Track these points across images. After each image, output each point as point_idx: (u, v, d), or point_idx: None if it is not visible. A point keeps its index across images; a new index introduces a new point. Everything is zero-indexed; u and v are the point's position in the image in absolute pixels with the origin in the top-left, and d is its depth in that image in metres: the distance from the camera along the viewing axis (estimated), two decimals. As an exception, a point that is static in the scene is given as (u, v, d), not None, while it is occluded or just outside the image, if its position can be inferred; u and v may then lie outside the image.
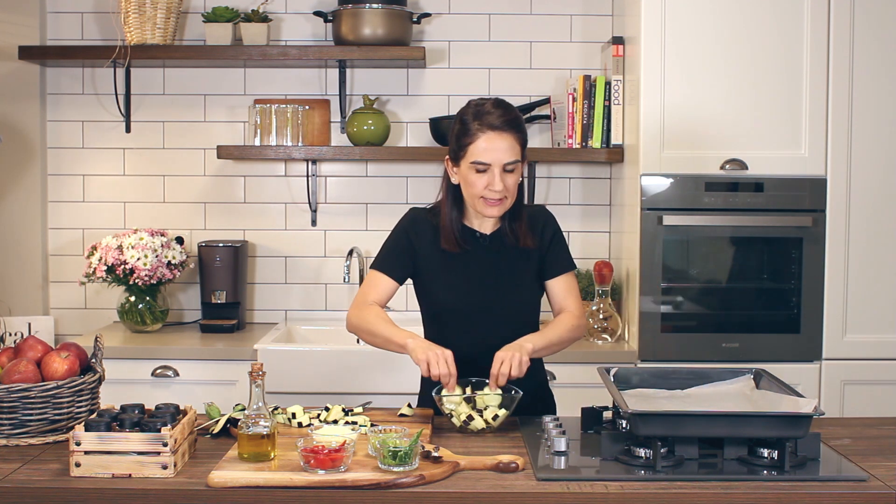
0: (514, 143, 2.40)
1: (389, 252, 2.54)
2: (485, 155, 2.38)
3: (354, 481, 1.89)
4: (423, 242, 2.51)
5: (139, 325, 3.64)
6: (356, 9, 3.61)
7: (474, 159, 2.39)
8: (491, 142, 2.38)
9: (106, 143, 3.88)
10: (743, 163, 3.33)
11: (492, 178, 2.38)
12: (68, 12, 3.84)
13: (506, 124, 2.39)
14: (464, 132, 2.42)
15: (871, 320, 3.38)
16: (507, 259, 2.51)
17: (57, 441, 2.16)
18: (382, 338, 2.42)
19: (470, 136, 2.40)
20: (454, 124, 2.47)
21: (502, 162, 2.38)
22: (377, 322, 2.44)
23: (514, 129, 2.40)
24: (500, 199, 2.41)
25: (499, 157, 2.38)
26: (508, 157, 2.38)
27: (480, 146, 2.38)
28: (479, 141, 2.38)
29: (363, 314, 2.47)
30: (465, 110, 2.45)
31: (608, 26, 3.83)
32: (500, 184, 2.38)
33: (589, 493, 1.89)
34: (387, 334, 2.41)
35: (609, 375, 2.32)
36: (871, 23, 3.32)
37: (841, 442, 2.22)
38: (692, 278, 3.40)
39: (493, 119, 2.39)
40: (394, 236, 2.55)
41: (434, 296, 2.53)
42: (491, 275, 2.49)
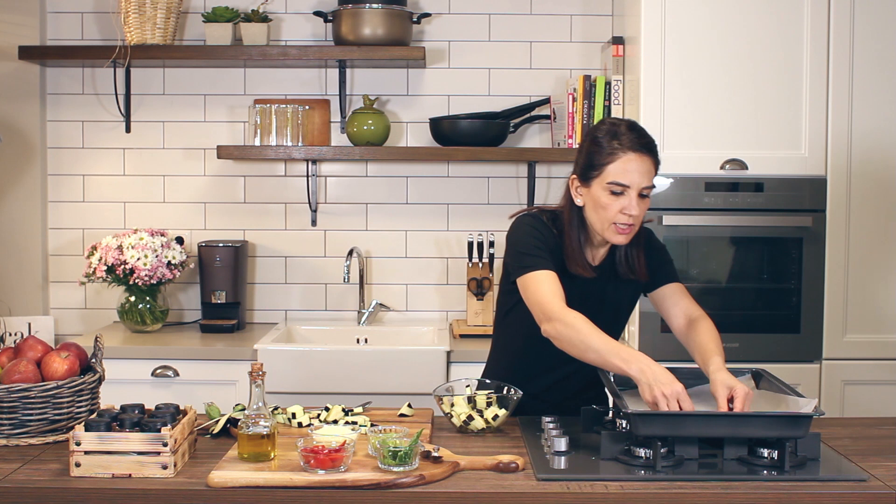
0: (652, 167, 2.30)
1: (537, 250, 2.33)
2: (624, 176, 2.26)
3: (354, 481, 1.89)
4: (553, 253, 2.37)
5: (139, 325, 3.64)
6: (356, 9, 3.61)
7: (612, 179, 2.27)
8: (631, 163, 2.27)
9: (106, 143, 3.88)
10: (743, 163, 3.33)
11: (628, 201, 2.27)
12: (68, 12, 3.84)
13: (645, 147, 2.28)
14: (600, 151, 2.29)
15: (871, 320, 3.38)
16: (614, 290, 2.43)
17: (57, 441, 2.16)
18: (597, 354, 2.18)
19: (610, 156, 2.28)
20: (585, 142, 2.35)
21: (641, 185, 2.28)
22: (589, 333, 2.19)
23: (653, 153, 2.30)
24: (631, 225, 2.30)
25: (638, 179, 2.27)
26: (647, 180, 2.29)
27: (620, 167, 2.27)
28: (618, 161, 2.27)
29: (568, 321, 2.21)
30: (599, 129, 2.33)
31: (608, 26, 3.83)
32: (637, 208, 2.28)
33: (589, 493, 1.89)
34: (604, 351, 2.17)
35: (609, 375, 2.32)
36: (871, 23, 3.32)
37: (841, 442, 2.22)
38: (692, 278, 3.40)
39: (636, 139, 2.28)
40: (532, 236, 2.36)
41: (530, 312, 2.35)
42: (595, 304, 2.38)
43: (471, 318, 3.71)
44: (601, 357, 2.17)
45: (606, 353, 2.16)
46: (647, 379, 2.10)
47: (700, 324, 2.40)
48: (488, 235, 3.77)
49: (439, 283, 3.91)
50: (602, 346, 2.17)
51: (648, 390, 2.09)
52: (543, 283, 2.29)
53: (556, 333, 2.24)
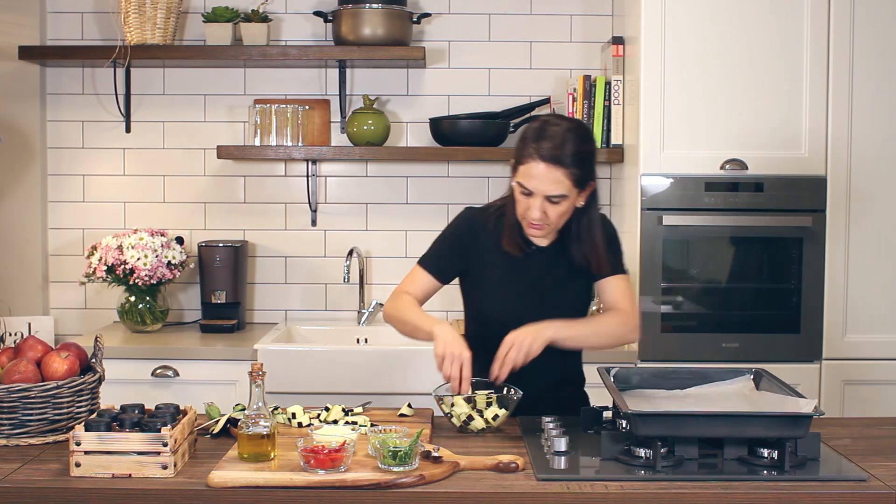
0: (565, 177, 2.28)
1: (439, 250, 2.50)
2: (529, 182, 2.30)
3: (354, 481, 1.89)
4: (478, 244, 2.46)
5: (139, 325, 3.64)
6: (356, 9, 3.61)
7: (520, 180, 2.33)
8: (538, 171, 2.28)
9: (106, 143, 3.88)
10: (743, 163, 3.33)
11: (530, 204, 2.32)
12: (68, 12, 3.84)
13: (556, 159, 2.27)
14: (520, 149, 2.33)
15: (871, 320, 3.38)
16: (562, 270, 2.46)
17: (57, 441, 2.16)
18: (411, 325, 2.41)
19: (523, 157, 2.31)
20: (522, 130, 2.38)
21: (544, 193, 2.30)
22: (407, 309, 2.43)
23: (569, 165, 2.28)
24: (541, 226, 2.35)
25: (542, 187, 2.29)
26: (552, 190, 2.29)
27: (528, 171, 2.30)
28: (527, 165, 2.30)
29: (396, 304, 2.46)
30: (532, 125, 2.35)
31: (608, 26, 3.83)
32: (539, 212, 2.32)
33: (589, 493, 1.89)
34: (415, 321, 2.39)
35: (609, 375, 2.32)
36: (871, 23, 3.32)
37: (841, 442, 2.22)
38: (692, 278, 3.40)
39: (549, 149, 2.28)
40: (447, 235, 2.51)
41: (481, 298, 2.49)
42: (542, 284, 2.45)
43: (471, 318, 3.71)
44: (413, 324, 2.40)
45: (416, 319, 2.39)
46: (441, 334, 2.30)
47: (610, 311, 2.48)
48: (488, 235, 3.76)
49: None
50: (414, 318, 2.40)
51: (440, 346, 2.28)
52: (410, 275, 2.52)
53: (386, 314, 2.49)
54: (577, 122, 2.40)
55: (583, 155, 2.31)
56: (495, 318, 2.45)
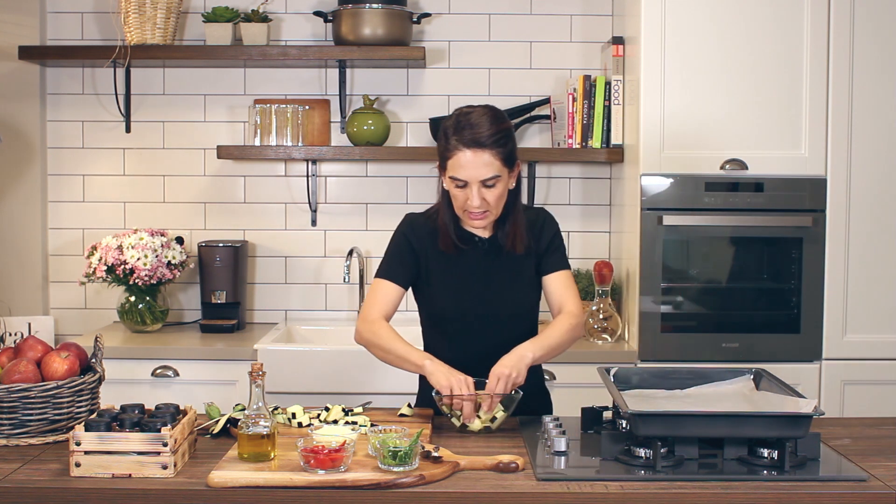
0: (493, 158, 2.34)
1: (392, 258, 2.52)
2: (461, 172, 2.35)
3: (354, 481, 1.89)
4: (422, 246, 2.50)
5: (139, 325, 3.64)
6: (356, 9, 3.61)
7: (452, 174, 2.37)
8: (466, 159, 2.34)
9: (106, 143, 3.88)
10: (743, 163, 3.33)
11: (469, 194, 2.37)
12: (68, 12, 3.84)
13: (481, 142, 2.33)
14: (444, 145, 2.39)
15: (871, 320, 3.38)
16: (506, 262, 2.50)
17: (57, 441, 2.16)
18: (396, 356, 2.40)
19: (448, 151, 2.37)
20: (439, 133, 2.44)
21: (478, 179, 2.35)
22: (390, 340, 2.41)
23: (493, 146, 2.34)
24: (483, 212, 2.39)
25: (474, 174, 2.34)
26: (485, 173, 2.34)
27: (457, 163, 2.35)
28: (455, 157, 2.35)
29: (375, 329, 2.44)
30: (448, 121, 2.41)
31: (608, 26, 3.83)
32: (478, 199, 2.36)
33: (589, 493, 1.89)
34: (402, 353, 2.39)
35: (609, 375, 2.33)
36: (871, 23, 3.32)
37: (841, 442, 2.22)
38: (692, 278, 3.40)
39: (470, 135, 2.33)
40: (394, 242, 2.54)
41: (433, 299, 2.53)
42: (489, 278, 2.49)
43: (471, 318, 3.71)
44: (399, 358, 2.39)
45: (404, 354, 2.38)
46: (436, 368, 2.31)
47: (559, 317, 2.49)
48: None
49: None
50: (399, 349, 2.39)
51: (444, 378, 2.28)
52: (374, 290, 2.50)
53: (362, 341, 2.47)
54: (488, 106, 2.44)
55: (502, 133, 2.37)
56: (448, 317, 2.50)
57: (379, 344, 2.42)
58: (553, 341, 2.42)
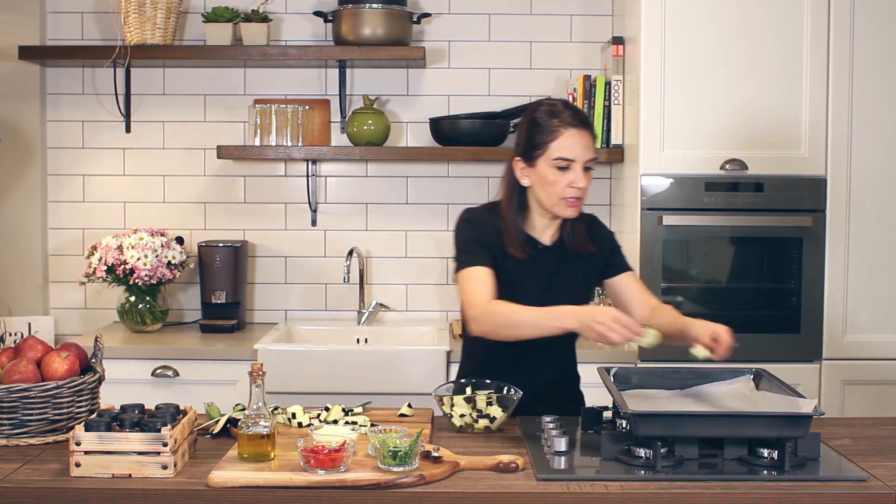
0: (591, 141, 2.39)
1: (471, 246, 2.40)
2: (569, 151, 2.35)
3: (354, 481, 1.89)
4: (492, 243, 2.43)
5: (139, 325, 3.64)
6: (356, 9, 3.61)
7: (558, 155, 2.35)
8: (573, 138, 2.35)
9: (106, 143, 3.88)
10: (743, 163, 3.33)
11: (575, 175, 2.36)
12: (68, 12, 3.84)
13: (583, 122, 2.38)
14: (542, 130, 2.37)
15: (871, 320, 3.38)
16: (568, 269, 2.48)
17: (57, 441, 2.16)
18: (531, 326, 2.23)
19: (551, 133, 2.36)
20: (524, 124, 2.42)
21: (585, 158, 2.36)
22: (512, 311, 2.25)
23: (591, 128, 2.40)
24: (579, 198, 2.39)
25: (581, 153, 2.36)
26: (589, 153, 2.38)
27: (563, 143, 2.35)
28: (562, 138, 2.35)
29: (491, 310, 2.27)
30: (537, 109, 2.41)
31: (608, 26, 3.83)
32: (584, 180, 2.36)
33: (589, 493, 1.89)
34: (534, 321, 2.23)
35: (609, 375, 2.32)
36: (871, 23, 3.32)
37: (841, 442, 2.22)
38: (692, 278, 3.40)
39: (571, 116, 2.37)
40: (466, 233, 2.43)
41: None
42: (548, 285, 2.44)
43: (471, 318, 3.71)
44: (537, 327, 2.24)
45: (540, 319, 2.23)
46: (584, 323, 2.16)
47: (663, 308, 2.51)
48: (488, 235, 3.76)
49: (439, 283, 3.91)
50: (532, 317, 2.24)
51: (590, 331, 2.16)
52: (471, 281, 2.36)
53: (481, 327, 2.30)
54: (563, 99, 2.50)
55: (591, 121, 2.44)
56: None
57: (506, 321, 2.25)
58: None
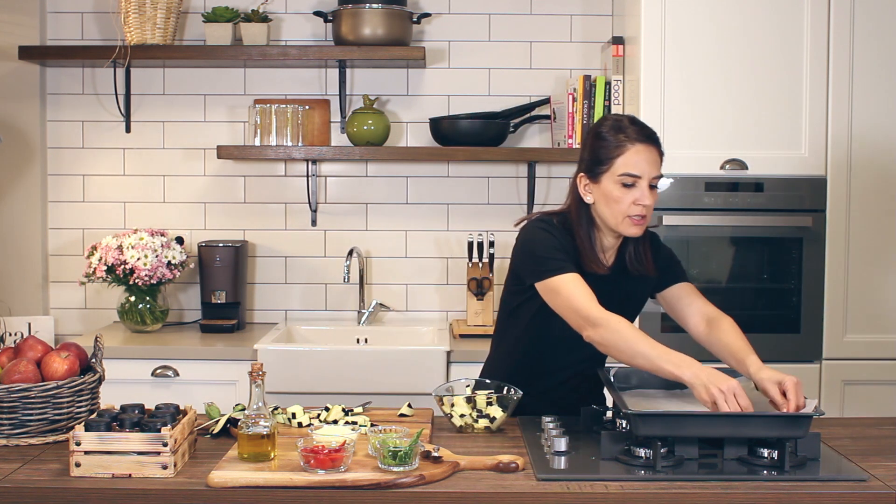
0: (658, 157, 2.33)
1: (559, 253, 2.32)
2: (635, 167, 2.29)
3: (354, 481, 1.89)
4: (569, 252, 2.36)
5: (139, 325, 3.64)
6: (356, 9, 3.61)
7: (624, 171, 2.29)
8: (640, 154, 2.29)
9: (106, 143, 3.88)
10: (743, 163, 3.33)
11: (640, 191, 2.29)
12: (68, 12, 3.84)
13: (650, 138, 2.32)
14: (607, 146, 2.31)
15: (871, 320, 3.38)
16: (622, 292, 2.42)
17: (57, 441, 2.16)
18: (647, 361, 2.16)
19: (618, 148, 2.30)
20: (589, 139, 2.37)
21: (651, 175, 2.30)
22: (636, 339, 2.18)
23: (658, 144, 2.34)
24: (644, 216, 2.32)
25: (648, 169, 2.30)
26: (656, 170, 2.32)
27: (629, 159, 2.29)
28: (627, 153, 2.29)
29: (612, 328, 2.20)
30: (603, 124, 2.35)
31: (608, 26, 3.83)
32: (649, 198, 2.29)
33: (589, 493, 1.89)
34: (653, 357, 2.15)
35: (609, 375, 2.32)
36: (871, 23, 3.32)
37: (841, 442, 2.22)
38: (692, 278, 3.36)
39: (637, 132, 2.31)
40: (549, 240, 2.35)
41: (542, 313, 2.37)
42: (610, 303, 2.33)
43: (471, 318, 3.71)
44: (651, 363, 2.15)
45: (656, 358, 2.14)
46: (701, 381, 2.07)
47: (722, 323, 2.41)
48: (488, 235, 3.77)
49: (439, 283, 3.91)
50: (651, 352, 2.15)
51: (705, 391, 2.06)
52: (575, 287, 2.27)
53: (601, 339, 2.21)
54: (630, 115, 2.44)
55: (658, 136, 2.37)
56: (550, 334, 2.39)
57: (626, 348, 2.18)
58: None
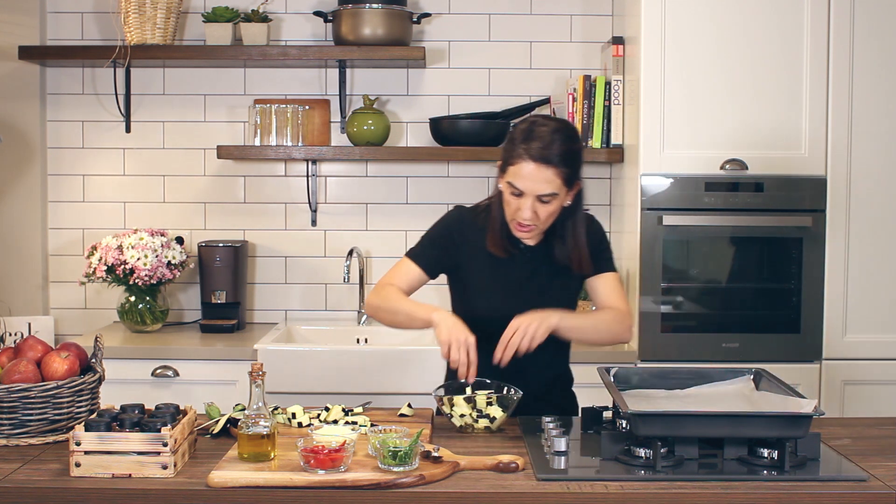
0: (555, 176, 2.31)
1: (428, 244, 2.50)
2: (519, 182, 2.32)
3: (354, 481, 1.89)
4: (467, 242, 2.47)
5: (139, 325, 3.64)
6: (356, 9, 3.61)
7: (510, 180, 2.34)
8: (528, 171, 2.30)
9: (106, 143, 3.88)
10: (743, 163, 3.33)
11: (520, 204, 2.34)
12: (68, 12, 3.84)
13: (547, 158, 2.30)
14: (509, 150, 2.35)
15: (871, 320, 3.38)
16: (547, 271, 2.47)
17: (57, 441, 2.16)
18: (405, 314, 2.38)
19: (512, 158, 2.33)
20: (509, 133, 2.42)
21: (536, 193, 2.32)
22: (398, 299, 2.41)
23: (557, 164, 2.30)
24: (530, 226, 2.37)
25: (533, 187, 2.31)
26: (543, 189, 2.31)
27: (518, 172, 2.32)
28: (518, 166, 2.32)
29: (383, 293, 2.44)
30: (520, 127, 2.37)
31: (608, 26, 3.83)
32: (529, 213, 2.33)
33: (589, 493, 1.89)
34: (409, 310, 2.38)
35: (609, 375, 2.32)
36: (871, 23, 3.32)
37: (841, 442, 2.22)
38: (692, 278, 3.40)
39: (538, 148, 2.30)
40: (437, 230, 2.51)
41: (469, 298, 2.50)
42: (527, 285, 2.46)
43: (471, 318, 3.71)
44: (407, 316, 2.38)
45: (411, 311, 2.37)
46: (442, 320, 2.30)
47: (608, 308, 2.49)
48: (488, 235, 3.76)
49: (439, 283, 3.88)
50: (408, 307, 2.38)
51: (446, 333, 2.27)
52: (397, 267, 2.50)
53: (370, 306, 2.46)
54: (564, 122, 2.43)
55: (571, 154, 2.34)
56: (483, 317, 2.45)
57: (386, 307, 2.41)
58: (585, 321, 2.42)
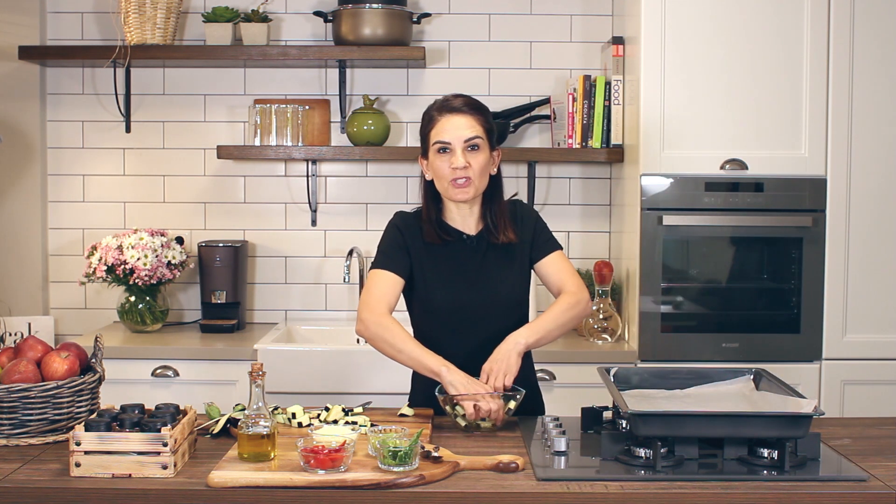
0: (474, 122, 2.45)
1: (389, 249, 2.54)
2: (444, 134, 2.44)
3: (354, 481, 1.89)
4: (413, 241, 2.53)
5: (139, 325, 3.64)
6: (356, 9, 3.61)
7: (435, 140, 2.45)
8: (449, 121, 2.45)
9: (106, 143, 3.88)
10: (743, 163, 3.33)
11: (454, 156, 2.43)
12: (68, 12, 3.84)
13: (464, 106, 2.46)
14: (425, 124, 2.50)
15: (871, 320, 3.38)
16: (494, 257, 2.52)
17: (57, 441, 2.16)
18: (409, 357, 2.40)
19: (429, 123, 2.48)
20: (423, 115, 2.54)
21: (462, 139, 2.43)
22: (403, 339, 2.41)
23: (474, 111, 2.47)
24: (466, 178, 2.43)
25: (458, 133, 2.43)
26: (468, 132, 2.43)
27: (439, 128, 2.45)
28: (437, 125, 2.46)
29: (385, 324, 2.43)
30: (429, 106, 2.53)
31: (608, 26, 3.83)
32: (462, 160, 2.42)
33: (589, 493, 1.89)
34: (417, 357, 2.38)
35: (609, 375, 2.33)
36: (871, 23, 3.32)
37: (841, 442, 2.22)
38: (692, 278, 3.40)
39: (450, 106, 2.47)
40: (388, 236, 2.56)
41: (426, 293, 2.53)
42: (478, 273, 2.51)
43: (471, 318, 3.71)
44: (411, 359, 2.39)
45: (417, 357, 2.38)
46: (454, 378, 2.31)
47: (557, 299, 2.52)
48: (488, 235, 3.76)
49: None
50: (413, 352, 2.39)
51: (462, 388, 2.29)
52: (375, 281, 2.51)
53: (368, 333, 2.44)
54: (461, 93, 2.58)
55: (484, 108, 2.51)
56: (442, 309, 2.51)
57: (391, 342, 2.41)
58: (548, 324, 2.44)
